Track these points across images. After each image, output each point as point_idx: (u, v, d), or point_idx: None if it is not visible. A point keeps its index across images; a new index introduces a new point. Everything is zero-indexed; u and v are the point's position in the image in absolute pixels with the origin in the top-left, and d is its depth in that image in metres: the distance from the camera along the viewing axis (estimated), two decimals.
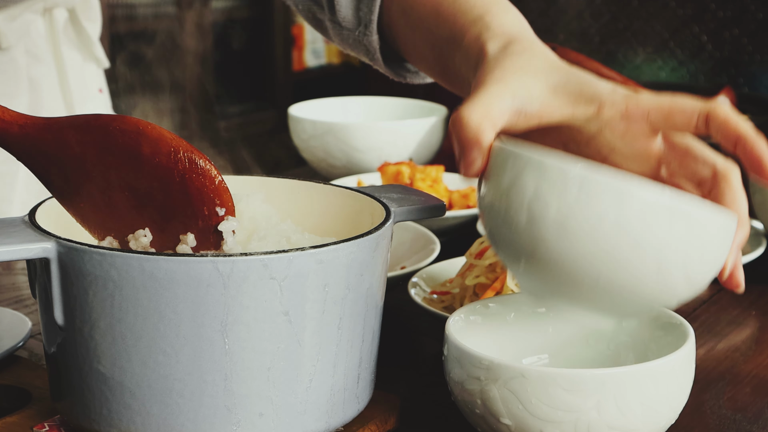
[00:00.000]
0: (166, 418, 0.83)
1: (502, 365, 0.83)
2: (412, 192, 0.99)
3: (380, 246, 0.87)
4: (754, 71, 2.02)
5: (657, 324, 0.94)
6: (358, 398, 0.89)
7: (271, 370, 0.82)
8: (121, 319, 0.81)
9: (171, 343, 0.81)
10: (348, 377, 0.87)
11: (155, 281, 0.79)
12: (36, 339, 1.13)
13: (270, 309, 0.81)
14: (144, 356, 0.81)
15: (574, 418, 0.82)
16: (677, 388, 0.85)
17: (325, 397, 0.86)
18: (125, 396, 0.83)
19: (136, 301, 0.80)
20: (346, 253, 0.83)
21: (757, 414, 0.99)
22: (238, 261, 0.79)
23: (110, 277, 0.80)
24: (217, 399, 0.82)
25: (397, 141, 1.74)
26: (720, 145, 0.89)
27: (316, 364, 0.84)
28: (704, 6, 2.05)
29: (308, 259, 0.81)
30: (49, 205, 0.91)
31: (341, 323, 0.85)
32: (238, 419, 0.83)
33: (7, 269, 1.35)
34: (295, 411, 0.84)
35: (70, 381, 0.86)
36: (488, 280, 1.11)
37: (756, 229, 1.41)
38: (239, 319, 0.80)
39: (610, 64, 2.14)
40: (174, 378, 0.82)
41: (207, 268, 0.79)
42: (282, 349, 0.82)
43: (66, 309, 0.84)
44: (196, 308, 0.80)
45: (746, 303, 1.29)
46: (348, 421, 0.89)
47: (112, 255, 0.80)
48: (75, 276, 0.82)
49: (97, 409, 0.84)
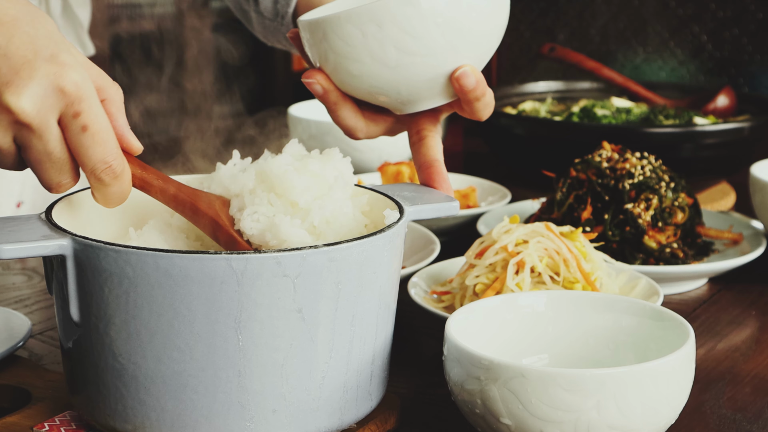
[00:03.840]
0: (180, 414, 0.83)
1: (502, 365, 0.83)
2: (425, 191, 0.99)
3: (394, 244, 0.88)
4: (754, 71, 2.02)
5: (657, 324, 0.94)
6: (371, 395, 0.90)
7: (284, 366, 0.83)
8: (136, 315, 0.82)
9: (185, 339, 0.81)
10: (361, 374, 0.88)
11: (170, 278, 0.80)
12: (36, 339, 1.13)
13: (283, 306, 0.82)
14: (158, 352, 0.82)
15: (574, 418, 0.82)
16: (677, 388, 0.85)
17: (338, 393, 0.86)
18: (140, 392, 0.83)
19: (151, 297, 0.81)
20: (359, 251, 0.84)
21: (757, 414, 0.99)
22: (252, 258, 0.80)
23: (125, 273, 0.81)
24: (231, 395, 0.83)
25: (397, 141, 1.74)
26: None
27: (329, 361, 0.85)
28: (704, 6, 2.05)
29: (321, 257, 0.82)
30: (65, 203, 0.92)
31: (354, 321, 0.85)
32: (251, 415, 0.83)
33: (7, 269, 1.35)
34: (309, 408, 0.85)
35: (86, 377, 0.86)
36: (488, 280, 1.11)
37: (756, 229, 1.41)
38: (253, 316, 0.81)
39: (610, 64, 2.15)
40: (188, 374, 0.82)
41: (221, 266, 0.80)
42: (295, 346, 0.83)
43: (82, 305, 0.84)
44: (210, 305, 0.80)
45: (746, 303, 1.29)
46: (361, 418, 0.89)
47: (127, 252, 0.80)
48: (91, 273, 0.83)
49: (112, 404, 0.85)
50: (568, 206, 1.35)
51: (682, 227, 1.35)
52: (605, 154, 1.38)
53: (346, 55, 0.94)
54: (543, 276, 1.10)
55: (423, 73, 0.95)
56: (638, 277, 1.18)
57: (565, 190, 1.36)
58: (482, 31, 0.95)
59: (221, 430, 0.83)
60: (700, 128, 1.61)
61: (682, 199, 1.35)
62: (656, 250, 1.31)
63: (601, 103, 1.85)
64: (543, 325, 0.98)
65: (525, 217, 1.45)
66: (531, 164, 1.63)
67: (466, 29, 0.93)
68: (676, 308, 1.24)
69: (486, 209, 1.48)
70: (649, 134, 1.59)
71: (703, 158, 1.62)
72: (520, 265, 1.10)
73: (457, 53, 0.94)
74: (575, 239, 1.14)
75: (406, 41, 0.92)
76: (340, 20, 0.93)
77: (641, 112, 1.80)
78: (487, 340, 0.95)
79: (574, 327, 0.98)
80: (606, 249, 1.31)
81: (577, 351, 0.98)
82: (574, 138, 1.63)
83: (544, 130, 1.68)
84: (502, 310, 0.98)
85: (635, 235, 1.32)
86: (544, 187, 1.47)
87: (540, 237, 1.12)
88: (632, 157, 1.36)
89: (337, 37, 0.94)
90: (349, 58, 0.94)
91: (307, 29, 0.98)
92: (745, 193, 1.57)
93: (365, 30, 0.93)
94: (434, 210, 0.96)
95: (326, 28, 0.95)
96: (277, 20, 1.21)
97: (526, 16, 2.24)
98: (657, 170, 1.36)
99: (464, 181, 1.63)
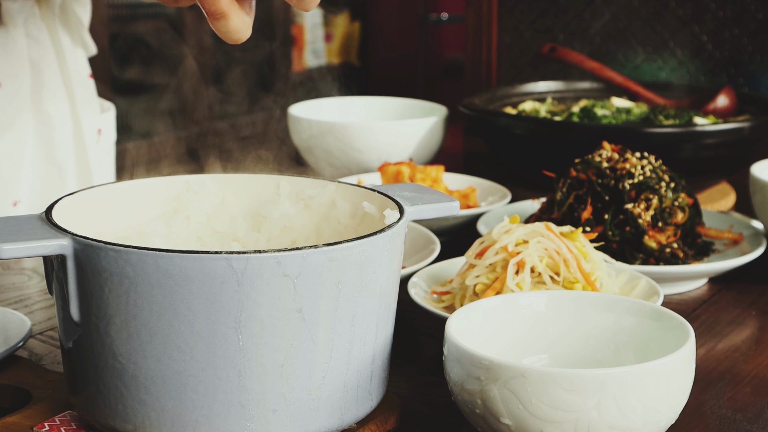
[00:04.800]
0: (180, 414, 0.83)
1: (502, 365, 0.83)
2: (425, 191, 0.99)
3: (394, 244, 0.88)
4: (754, 71, 2.02)
5: (657, 324, 0.94)
6: (371, 395, 0.90)
7: (284, 366, 0.83)
8: (136, 315, 0.82)
9: (185, 339, 0.81)
10: (361, 374, 0.88)
11: (170, 278, 0.80)
12: (36, 339, 1.13)
13: (283, 306, 0.82)
14: (159, 352, 0.82)
15: (574, 418, 0.82)
16: (677, 388, 0.85)
17: (338, 393, 0.86)
18: (140, 392, 0.84)
19: (151, 297, 0.81)
20: (359, 251, 0.84)
21: (757, 414, 0.99)
22: (252, 258, 0.80)
23: (126, 273, 0.81)
24: (231, 395, 0.83)
25: (397, 141, 1.74)
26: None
27: (329, 361, 0.85)
28: (704, 6, 2.05)
29: (321, 257, 0.82)
30: (65, 203, 0.92)
31: (354, 320, 0.85)
32: (251, 415, 0.83)
33: (7, 269, 1.35)
34: (309, 408, 0.85)
35: (86, 377, 0.86)
36: (488, 280, 1.11)
37: (756, 229, 1.41)
38: (253, 316, 0.81)
39: (610, 64, 2.14)
40: (188, 374, 0.82)
41: (221, 265, 0.80)
42: (295, 346, 0.83)
43: (82, 305, 0.84)
44: (211, 305, 0.80)
45: (746, 303, 1.29)
46: (361, 418, 0.90)
47: (127, 252, 0.81)
48: (91, 272, 0.83)
49: (112, 404, 0.85)
50: (568, 206, 1.35)
51: (682, 227, 1.35)
52: (605, 154, 1.38)
53: None
54: (543, 276, 1.10)
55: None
56: (638, 277, 1.18)
57: (565, 190, 1.36)
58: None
59: (221, 430, 0.83)
60: (700, 128, 1.61)
61: (682, 199, 1.35)
62: (656, 250, 1.31)
63: (601, 103, 1.85)
64: (543, 325, 0.98)
65: (525, 217, 1.45)
66: (531, 164, 1.63)
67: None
68: (676, 308, 1.24)
69: (486, 209, 1.48)
70: (649, 134, 1.59)
71: (703, 158, 1.62)
72: (520, 265, 1.10)
73: None
74: (575, 239, 1.14)
75: None
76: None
77: (641, 112, 1.80)
78: (487, 340, 0.95)
79: (574, 327, 0.98)
80: (606, 249, 1.31)
81: (577, 351, 0.98)
82: (574, 138, 1.63)
83: (544, 130, 1.68)
84: (502, 310, 0.98)
85: (635, 235, 1.32)
86: (544, 187, 1.47)
87: (540, 237, 1.12)
88: (632, 157, 1.36)
89: None
90: None
91: None
92: (745, 193, 1.57)
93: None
94: (434, 210, 0.96)
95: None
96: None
97: (526, 16, 2.24)
98: (657, 170, 1.36)
99: (464, 181, 1.63)
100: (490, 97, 1.90)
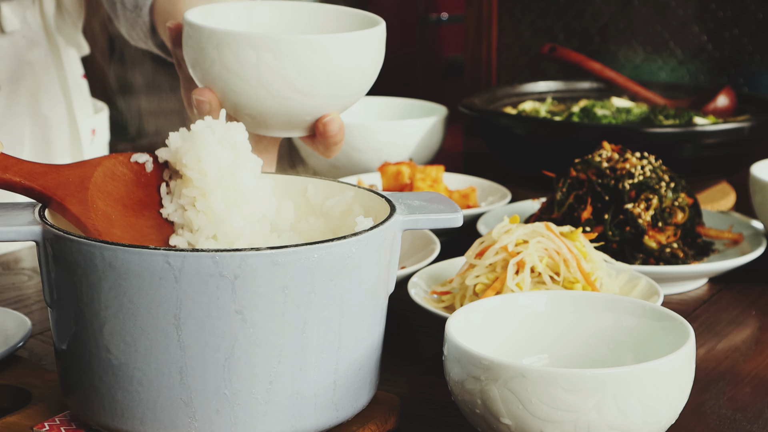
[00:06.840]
0: (129, 405, 0.84)
1: (502, 365, 0.83)
2: (437, 200, 0.96)
3: (360, 253, 0.85)
4: (754, 71, 2.02)
5: (657, 324, 0.94)
6: (336, 405, 0.87)
7: (226, 368, 0.82)
8: (87, 304, 0.84)
9: (130, 332, 0.82)
10: (320, 383, 0.86)
11: (113, 270, 0.81)
12: (36, 339, 1.13)
13: (222, 306, 0.81)
14: (107, 342, 0.83)
15: (574, 418, 0.82)
16: (677, 388, 0.85)
17: (289, 400, 0.85)
18: (94, 380, 0.85)
19: (99, 288, 0.82)
20: (307, 256, 0.82)
21: (757, 414, 0.99)
22: (189, 256, 0.80)
23: (78, 263, 0.83)
24: (174, 391, 0.83)
25: (397, 141, 1.74)
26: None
27: (276, 366, 0.83)
28: (704, 6, 2.05)
29: (263, 260, 0.81)
30: None
31: (306, 327, 0.84)
32: (194, 413, 0.83)
33: (7, 269, 1.35)
34: (256, 411, 0.84)
35: (61, 361, 0.89)
36: (488, 280, 1.11)
37: (756, 229, 1.41)
38: (191, 314, 0.81)
39: (610, 64, 2.14)
40: (133, 366, 0.83)
41: (158, 261, 0.80)
42: (237, 347, 0.82)
43: (50, 289, 0.87)
44: (150, 300, 0.81)
45: (746, 303, 1.29)
46: (324, 429, 0.88)
47: (79, 242, 0.82)
48: (54, 260, 0.85)
49: (74, 389, 0.87)
50: (568, 206, 1.35)
51: (682, 227, 1.35)
52: (605, 154, 1.38)
53: (234, 72, 1.00)
54: (543, 276, 1.10)
55: (297, 109, 1.01)
56: (638, 277, 1.18)
57: (565, 190, 1.36)
58: (359, 87, 1.03)
59: (167, 425, 0.84)
60: (700, 128, 1.61)
61: (682, 199, 1.35)
62: (656, 250, 1.31)
63: (601, 103, 1.85)
64: (543, 325, 0.98)
65: (525, 217, 1.45)
66: (531, 164, 1.63)
67: (348, 84, 1.02)
68: (676, 308, 1.24)
69: (486, 209, 1.48)
70: (649, 134, 1.59)
71: (703, 158, 1.62)
72: (520, 265, 1.10)
73: (333, 100, 1.01)
74: (575, 239, 1.14)
75: (295, 78, 0.99)
76: (239, 39, 0.99)
77: (641, 112, 1.80)
78: (487, 340, 0.95)
79: (574, 327, 0.98)
80: (606, 249, 1.31)
81: (577, 351, 0.98)
82: (574, 138, 1.63)
83: (544, 130, 1.67)
84: (502, 310, 0.98)
85: (635, 235, 1.32)
86: (544, 187, 1.47)
87: (540, 237, 1.12)
88: (632, 157, 1.36)
89: (231, 52, 0.99)
90: (235, 74, 1.00)
91: (199, 33, 1.02)
92: (745, 193, 1.57)
93: (261, 56, 0.98)
94: (431, 221, 0.92)
95: (222, 41, 0.99)
96: (136, 11, 1.26)
97: (526, 16, 2.23)
98: (657, 170, 1.36)
99: (464, 181, 1.63)
100: (490, 97, 1.90)
